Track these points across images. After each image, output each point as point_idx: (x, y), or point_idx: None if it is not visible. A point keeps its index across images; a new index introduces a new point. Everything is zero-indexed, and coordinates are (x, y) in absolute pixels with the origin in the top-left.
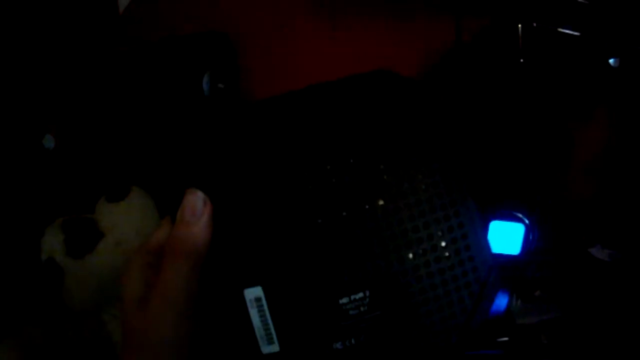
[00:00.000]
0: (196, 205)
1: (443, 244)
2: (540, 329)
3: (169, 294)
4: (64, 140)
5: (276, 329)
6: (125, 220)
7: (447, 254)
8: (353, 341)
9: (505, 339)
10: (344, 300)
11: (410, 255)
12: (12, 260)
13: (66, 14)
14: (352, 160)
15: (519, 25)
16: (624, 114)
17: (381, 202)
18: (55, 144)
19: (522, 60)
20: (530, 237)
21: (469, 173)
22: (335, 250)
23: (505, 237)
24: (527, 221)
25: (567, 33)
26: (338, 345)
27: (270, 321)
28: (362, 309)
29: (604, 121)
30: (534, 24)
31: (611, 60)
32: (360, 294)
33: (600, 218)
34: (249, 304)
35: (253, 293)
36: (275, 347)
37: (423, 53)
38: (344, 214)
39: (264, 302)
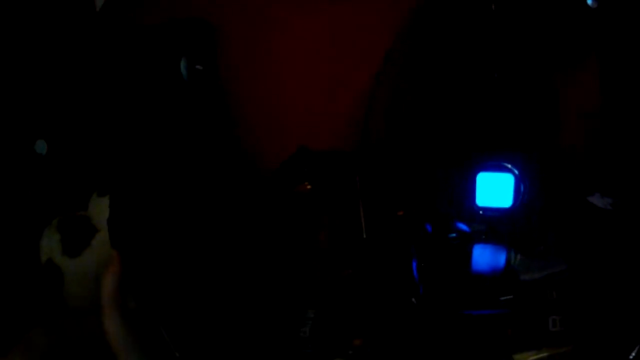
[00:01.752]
0: None
1: None
2: (547, 284)
3: None
4: (55, 144)
5: None
6: None
7: None
8: None
9: (510, 296)
10: None
11: None
12: (13, 265)
13: (43, 14)
14: None
15: None
16: (611, 57)
17: None
18: (47, 149)
19: (493, 7)
20: (522, 188)
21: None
22: None
23: (495, 189)
24: (516, 171)
25: None
26: None
27: None
28: None
29: (593, 66)
30: None
31: (589, 1)
32: None
33: (596, 166)
34: None
35: None
36: None
37: (398, 16)
38: None
39: None
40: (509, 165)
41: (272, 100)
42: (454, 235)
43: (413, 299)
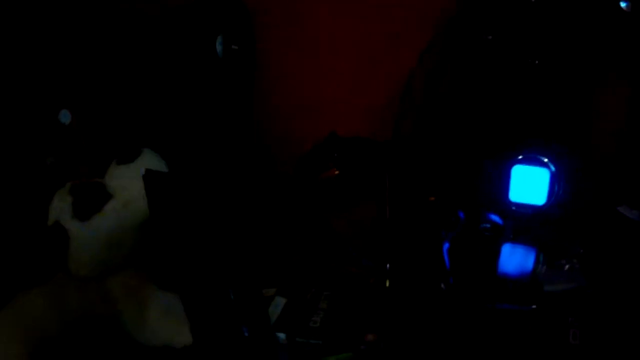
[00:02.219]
0: None
1: None
2: (569, 298)
3: None
4: (80, 114)
5: None
6: (134, 181)
7: None
8: None
9: (534, 306)
10: None
11: None
12: (19, 228)
13: None
14: None
15: None
16: None
17: None
18: (71, 119)
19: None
20: (556, 188)
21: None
22: None
23: (530, 184)
24: (552, 168)
25: None
26: None
27: None
28: None
29: (623, 80)
30: None
31: (623, 4)
32: None
33: (625, 178)
34: None
35: None
36: None
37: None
38: None
39: None
40: (546, 160)
41: (305, 83)
42: (486, 225)
43: (442, 285)
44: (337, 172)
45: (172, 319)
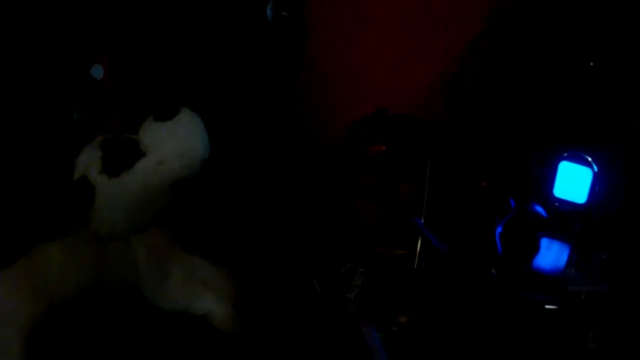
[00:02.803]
0: None
1: None
2: (589, 300)
3: None
4: (114, 69)
5: None
6: (170, 140)
7: None
8: None
9: (554, 307)
10: None
11: None
12: (43, 181)
13: None
14: None
15: None
16: None
17: None
18: (104, 74)
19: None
20: (597, 188)
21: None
22: None
23: (574, 181)
24: (595, 168)
25: None
26: None
27: None
28: None
29: None
30: None
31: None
32: None
33: None
34: None
35: None
36: None
37: None
38: None
39: None
40: (590, 159)
41: (353, 56)
42: (533, 217)
43: (493, 270)
44: (384, 149)
45: (195, 284)
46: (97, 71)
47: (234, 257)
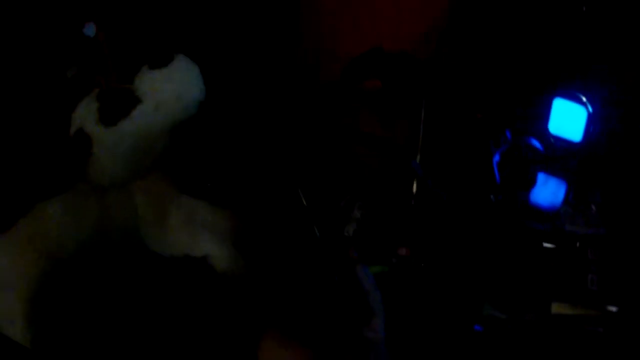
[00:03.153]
0: None
1: None
2: (586, 242)
3: None
4: (107, 26)
5: None
6: (166, 85)
7: None
8: None
9: (552, 246)
10: None
11: None
12: (39, 140)
13: None
14: None
15: None
16: None
17: None
18: (96, 31)
19: None
20: (592, 128)
21: None
22: None
23: (568, 119)
24: (590, 109)
25: None
26: None
27: None
28: None
29: None
30: None
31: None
32: None
33: None
34: None
35: None
36: None
37: None
38: None
39: None
40: (584, 99)
41: None
42: (529, 149)
43: (492, 197)
44: (380, 85)
45: (195, 226)
46: (90, 29)
47: (234, 197)
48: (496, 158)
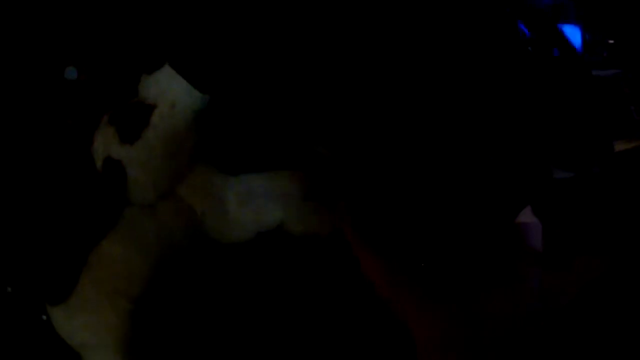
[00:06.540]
0: None
1: None
2: (619, 81)
3: None
4: (86, 65)
5: None
6: (172, 81)
7: None
8: None
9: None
10: None
11: None
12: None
13: None
14: None
15: None
16: None
17: None
18: (77, 73)
19: None
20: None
21: None
22: None
23: None
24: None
25: None
26: None
27: None
28: None
29: None
30: None
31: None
32: None
33: None
34: None
35: None
36: None
37: None
38: None
39: None
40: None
41: None
42: None
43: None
44: None
45: (257, 198)
46: (71, 73)
47: (283, 157)
48: None
